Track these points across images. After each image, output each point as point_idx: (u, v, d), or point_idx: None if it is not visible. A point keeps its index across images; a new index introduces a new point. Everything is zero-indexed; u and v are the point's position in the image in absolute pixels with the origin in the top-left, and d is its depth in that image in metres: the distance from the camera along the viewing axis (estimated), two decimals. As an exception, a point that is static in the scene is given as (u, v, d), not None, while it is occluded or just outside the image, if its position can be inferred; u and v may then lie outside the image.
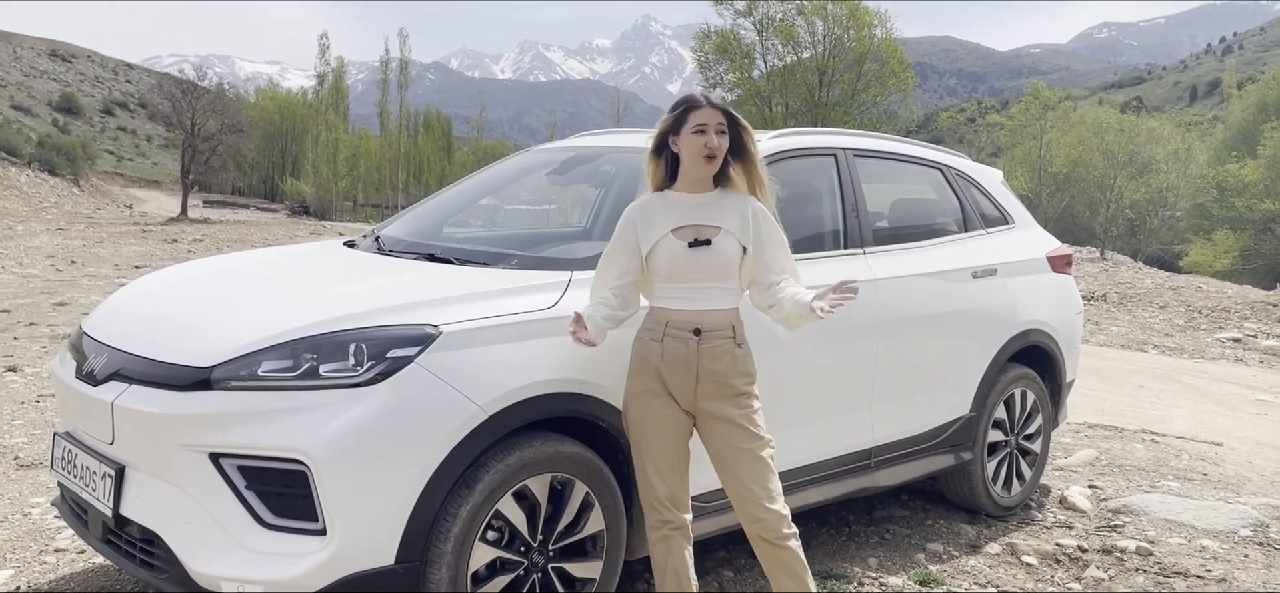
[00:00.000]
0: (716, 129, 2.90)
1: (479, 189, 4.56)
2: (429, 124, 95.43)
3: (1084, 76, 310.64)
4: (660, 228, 2.92)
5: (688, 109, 2.93)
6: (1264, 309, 17.19)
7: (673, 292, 2.92)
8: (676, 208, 2.95)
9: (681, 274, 2.90)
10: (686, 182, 2.97)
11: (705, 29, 40.32)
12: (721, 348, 2.91)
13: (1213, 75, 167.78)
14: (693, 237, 2.89)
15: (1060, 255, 5.11)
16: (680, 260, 2.89)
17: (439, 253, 3.55)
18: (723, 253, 2.90)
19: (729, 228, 2.91)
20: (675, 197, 2.98)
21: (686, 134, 2.92)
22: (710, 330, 2.90)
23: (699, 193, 2.96)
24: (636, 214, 2.98)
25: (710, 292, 2.91)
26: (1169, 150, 46.44)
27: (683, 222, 2.92)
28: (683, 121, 2.93)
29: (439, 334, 2.76)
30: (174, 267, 3.82)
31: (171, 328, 2.97)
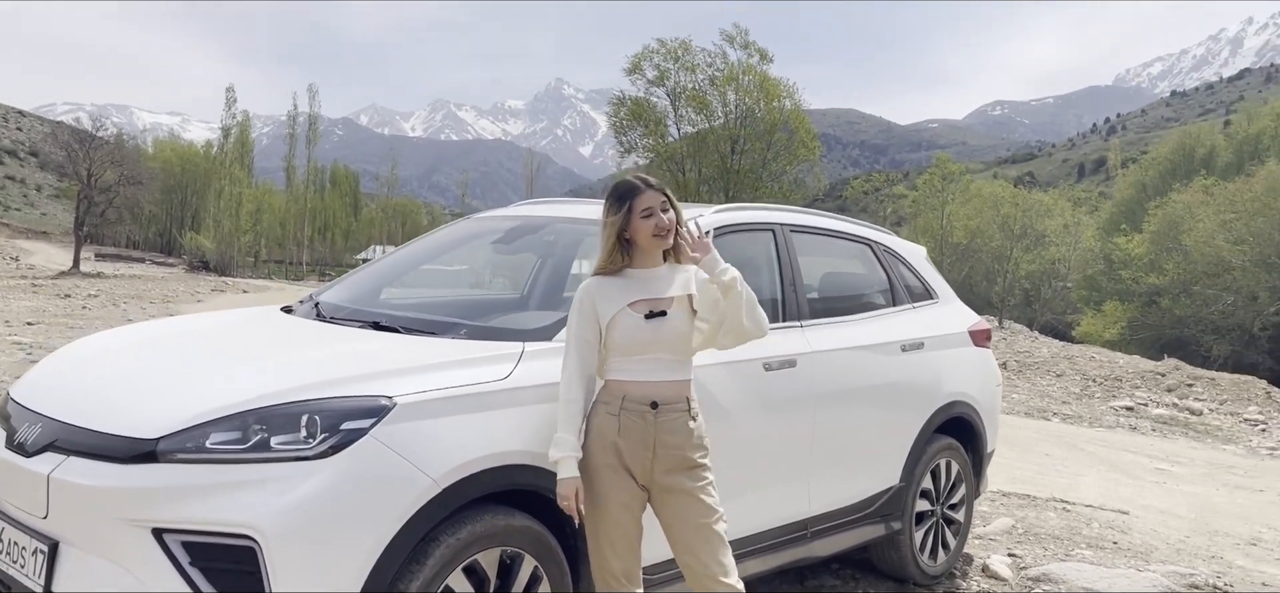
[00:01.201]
0: (661, 207, 3.01)
1: (420, 255, 4.54)
2: (336, 180, 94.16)
3: (980, 151, 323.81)
4: (617, 302, 2.97)
5: (632, 197, 3.02)
6: (1153, 379, 18.03)
7: (629, 365, 2.96)
8: (631, 282, 3.02)
9: (639, 346, 2.94)
10: (639, 260, 3.05)
11: (620, 95, 40.89)
12: (678, 421, 2.95)
13: (1098, 153, 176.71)
14: (649, 308, 2.96)
15: (980, 330, 5.31)
16: (638, 332, 2.94)
17: (384, 321, 3.51)
18: (678, 323, 2.97)
19: (682, 300, 3.01)
20: (632, 272, 3.05)
21: (636, 220, 3.00)
22: (667, 403, 2.95)
23: (650, 268, 3.05)
24: (593, 289, 3.02)
25: (666, 364, 2.97)
26: (1060, 224, 48.64)
27: (639, 295, 2.98)
28: (631, 211, 3.01)
29: (393, 406, 2.72)
30: (107, 332, 3.69)
31: (111, 397, 2.86)
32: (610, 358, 2.99)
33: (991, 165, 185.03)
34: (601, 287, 3.02)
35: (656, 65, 39.50)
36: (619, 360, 2.97)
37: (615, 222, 3.03)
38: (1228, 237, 32.90)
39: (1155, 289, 36.63)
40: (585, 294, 3.02)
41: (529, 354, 3.14)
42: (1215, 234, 33.38)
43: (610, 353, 2.99)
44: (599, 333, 2.98)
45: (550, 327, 3.31)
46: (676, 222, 3.07)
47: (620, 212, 3.03)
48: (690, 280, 3.06)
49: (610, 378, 3.00)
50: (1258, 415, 14.68)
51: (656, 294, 2.99)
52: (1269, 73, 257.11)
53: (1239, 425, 13.87)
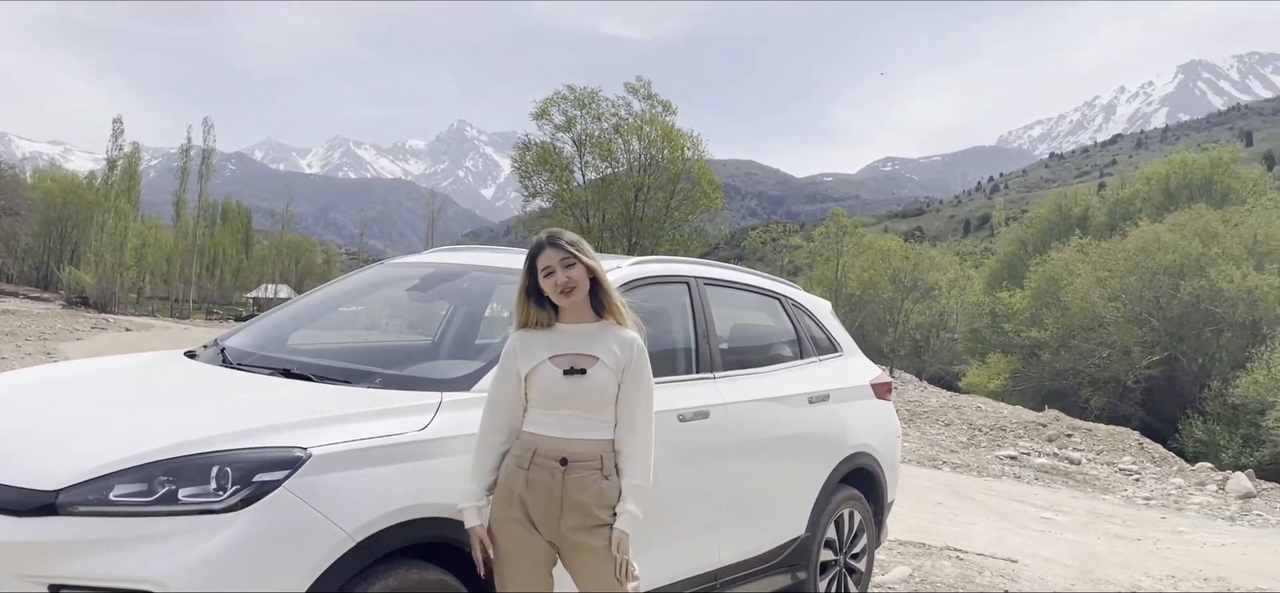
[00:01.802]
0: (563, 263, 2.97)
1: (331, 300, 4.46)
2: (228, 215, 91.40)
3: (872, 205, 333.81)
4: (540, 354, 2.96)
5: (534, 257, 3.02)
6: (1035, 429, 18.78)
7: (544, 418, 2.95)
8: (557, 336, 3.01)
9: (555, 401, 2.93)
10: (566, 315, 3.04)
11: (525, 140, 40.96)
12: (588, 479, 2.92)
13: (983, 210, 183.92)
14: (569, 364, 2.94)
15: (882, 382, 5.47)
16: (555, 387, 2.93)
17: (295, 369, 3.43)
18: (597, 383, 2.94)
19: (606, 360, 2.97)
20: (559, 326, 3.04)
21: (541, 280, 3.00)
22: (577, 460, 2.92)
23: (580, 323, 3.03)
24: (517, 342, 3.01)
25: (582, 421, 2.95)
26: (948, 278, 50.43)
27: (561, 350, 2.97)
28: (534, 271, 3.01)
29: (308, 457, 2.67)
30: (2, 376, 3.51)
31: (7, 446, 2.73)
32: (530, 408, 2.98)
33: (883, 219, 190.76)
34: (525, 340, 3.01)
35: (564, 112, 39.77)
36: (536, 413, 2.96)
37: (524, 280, 3.05)
38: (1102, 293, 34.61)
39: (1036, 342, 38.20)
40: (509, 346, 3.02)
41: (447, 405, 3.11)
42: (1091, 291, 35.07)
43: (530, 403, 2.98)
44: (519, 385, 2.97)
45: (469, 376, 3.30)
46: (594, 277, 3.02)
47: (527, 271, 3.04)
48: (628, 349, 3.00)
49: (525, 430, 2.98)
50: (1131, 465, 15.41)
51: (580, 350, 2.97)
52: (1139, 139, 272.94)
53: (1115, 475, 14.53)
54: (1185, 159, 51.13)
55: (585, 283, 3.00)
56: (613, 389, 2.98)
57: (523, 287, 3.04)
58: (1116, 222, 47.07)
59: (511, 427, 2.99)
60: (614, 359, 2.98)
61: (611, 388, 2.97)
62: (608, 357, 2.97)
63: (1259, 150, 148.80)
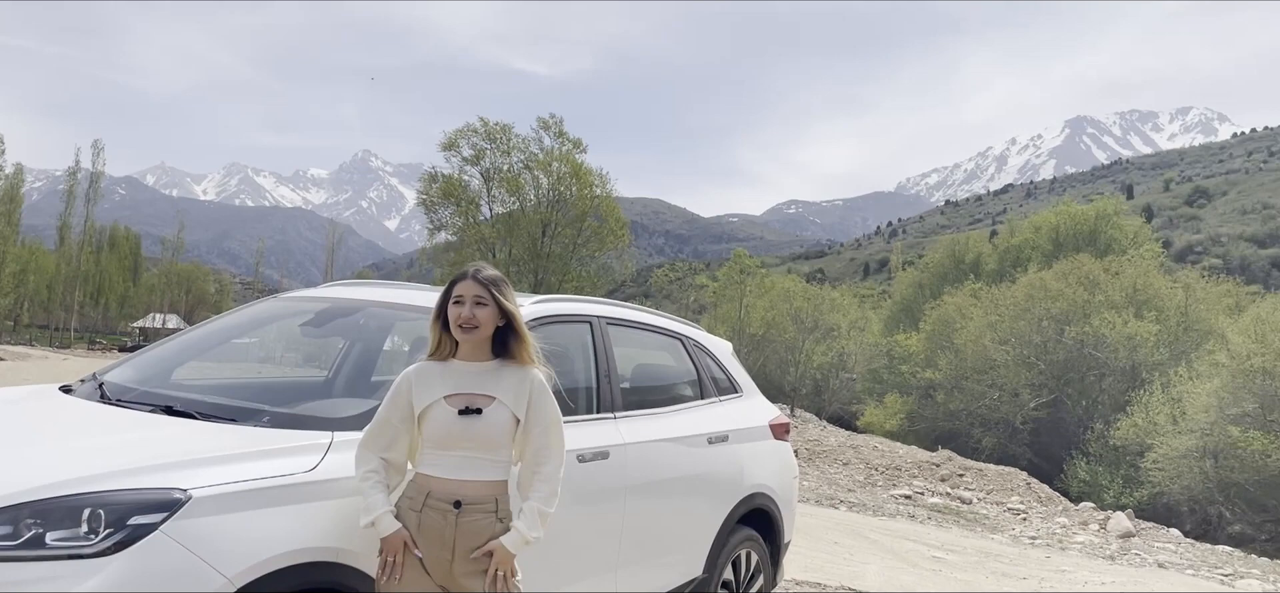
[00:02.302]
0: (474, 301, 2.93)
1: (220, 334, 4.31)
2: (115, 241, 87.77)
3: (776, 246, 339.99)
4: (435, 392, 2.91)
5: (454, 281, 2.99)
6: (929, 469, 19.24)
7: (438, 458, 2.89)
8: (454, 375, 2.96)
9: (450, 440, 2.88)
10: (466, 350, 2.99)
11: (432, 171, 40.51)
12: (482, 523, 2.88)
13: (882, 254, 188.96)
14: (464, 404, 2.90)
15: (780, 423, 5.54)
16: (450, 427, 2.87)
17: (178, 405, 3.30)
18: (493, 423, 2.90)
19: (503, 399, 2.93)
20: (455, 364, 2.98)
21: (450, 306, 2.96)
22: (471, 503, 2.87)
23: (478, 361, 2.99)
24: (413, 377, 2.95)
25: (477, 462, 2.90)
26: (848, 320, 51.53)
27: (457, 388, 2.92)
28: (448, 295, 2.98)
29: (188, 499, 2.57)
30: None
31: None
32: (423, 449, 2.92)
33: (786, 260, 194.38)
34: (422, 374, 2.96)
35: (474, 145, 39.52)
36: (430, 453, 2.90)
37: (439, 303, 3.01)
38: (993, 337, 35.85)
39: (931, 383, 39.30)
40: (405, 379, 2.96)
41: (338, 444, 3.03)
42: (983, 334, 36.31)
43: (423, 443, 2.92)
44: (407, 419, 2.91)
45: (362, 416, 3.21)
46: (510, 322, 2.98)
47: (444, 294, 3.01)
48: (526, 386, 2.97)
49: (418, 471, 2.92)
50: (1019, 505, 15.91)
51: (476, 390, 2.93)
52: (1029, 189, 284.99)
53: (1004, 514, 14.98)
54: (1072, 210, 53.46)
55: (490, 327, 2.96)
56: (509, 429, 2.94)
57: (437, 311, 3.01)
58: (1007, 268, 48.88)
59: (389, 459, 2.92)
60: (512, 398, 2.95)
61: (508, 428, 2.94)
62: (505, 395, 2.94)
63: (1139, 203, 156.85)
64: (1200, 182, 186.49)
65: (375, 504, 2.83)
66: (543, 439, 3.01)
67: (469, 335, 2.94)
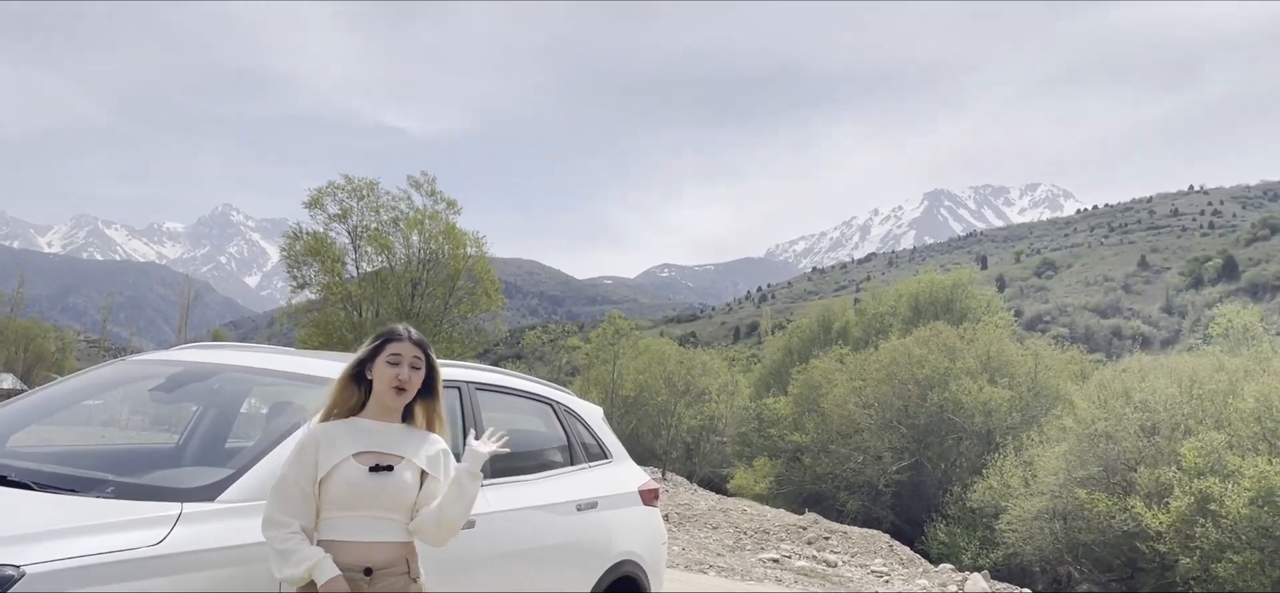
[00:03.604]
0: (411, 362, 2.93)
1: (62, 398, 4.07)
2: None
3: (649, 309, 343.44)
4: (342, 450, 2.83)
5: (387, 340, 2.96)
6: (795, 532, 19.60)
7: (345, 521, 2.80)
8: (362, 433, 2.89)
9: (359, 501, 2.80)
10: (374, 409, 2.94)
11: (296, 228, 39.40)
12: (397, 585, 2.83)
13: (752, 318, 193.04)
14: (375, 461, 2.83)
15: (649, 489, 5.57)
16: (360, 486, 2.80)
17: (13, 475, 3.09)
18: (403, 481, 2.87)
19: (413, 459, 2.90)
20: (362, 422, 2.92)
21: (381, 363, 2.92)
22: (383, 567, 2.81)
23: (386, 421, 2.94)
24: (319, 434, 2.85)
25: (385, 523, 2.84)
26: (719, 383, 52.28)
27: (367, 447, 2.86)
28: (380, 351, 2.94)
29: (21, 575, 2.40)
30: None
31: None
32: (325, 512, 2.81)
33: (659, 323, 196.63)
34: (328, 434, 2.87)
35: (340, 201, 38.65)
36: (335, 516, 2.80)
37: (361, 355, 2.96)
38: (858, 401, 36.95)
39: (798, 447, 40.14)
40: (309, 438, 2.86)
41: (188, 517, 2.89)
42: (847, 399, 37.38)
43: (326, 506, 2.81)
44: (315, 483, 2.81)
45: (214, 485, 3.08)
46: (431, 384, 3.00)
47: (370, 348, 2.96)
48: (435, 451, 2.98)
49: (322, 537, 2.81)
50: (882, 567, 16.34)
51: (386, 449, 2.88)
52: (890, 258, 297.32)
53: (867, 576, 15.35)
54: (931, 280, 55.85)
55: (414, 392, 2.96)
56: (415, 491, 2.90)
57: (358, 361, 2.95)
58: (871, 335, 50.63)
59: (302, 520, 2.81)
60: (423, 459, 2.93)
61: (415, 488, 2.90)
62: (415, 456, 2.91)
63: (993, 273, 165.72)
64: (1048, 254, 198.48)
65: (308, 553, 2.71)
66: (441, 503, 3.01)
67: (401, 397, 2.92)
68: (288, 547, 2.73)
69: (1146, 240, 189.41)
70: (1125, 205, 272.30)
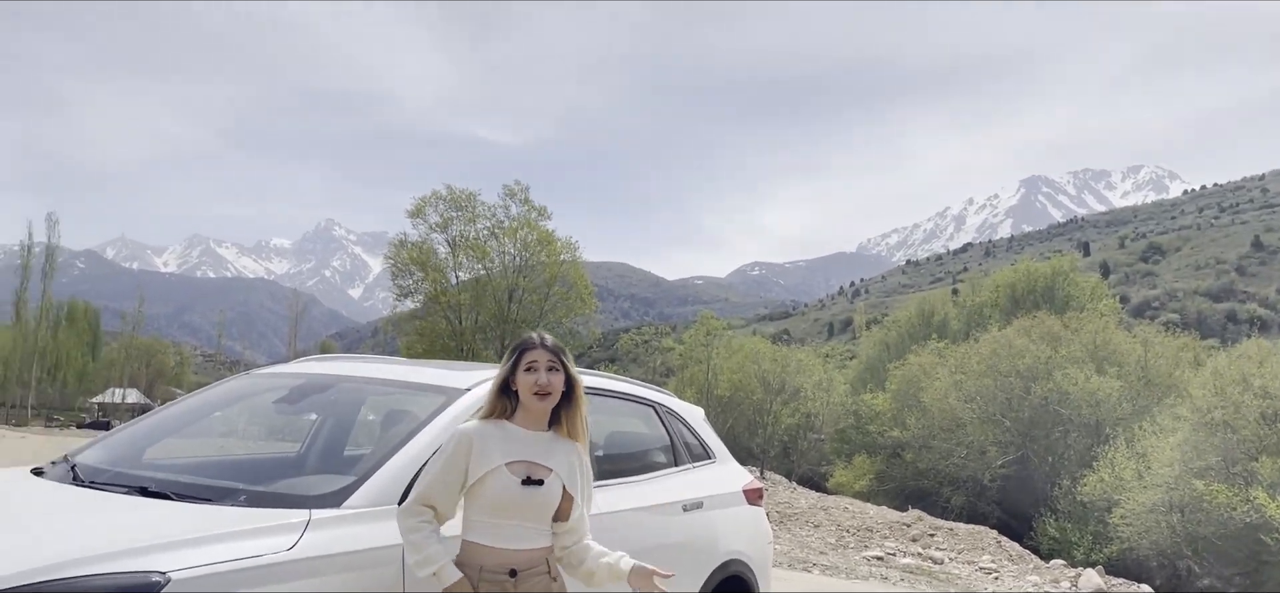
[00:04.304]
0: (547, 366, 3.02)
1: (193, 412, 4.28)
2: (74, 316, 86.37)
3: (741, 308, 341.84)
4: (494, 459, 2.92)
5: (523, 350, 3.06)
6: (900, 529, 19.26)
7: (492, 526, 2.91)
8: (514, 441, 2.99)
9: (508, 510, 2.91)
10: (522, 417, 3.03)
11: (401, 238, 40.48)
12: (539, 585, 2.93)
13: (846, 314, 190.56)
14: (527, 473, 2.93)
15: (753, 488, 5.57)
16: (512, 497, 2.90)
17: (153, 486, 3.27)
18: (551, 494, 2.97)
19: (559, 471, 3.00)
20: (512, 428, 3.02)
21: (521, 373, 3.02)
22: (526, 570, 2.91)
23: (535, 430, 3.04)
24: (474, 439, 2.96)
25: (530, 530, 2.95)
26: (814, 380, 51.72)
27: (519, 456, 2.95)
28: (518, 363, 3.04)
29: (167, 582, 2.55)
30: None
31: None
32: (474, 515, 2.93)
33: (751, 321, 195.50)
34: (482, 438, 2.97)
35: (440, 211, 39.62)
36: (484, 520, 2.91)
37: (504, 369, 3.07)
38: (959, 395, 36.12)
39: (898, 443, 39.45)
40: (463, 440, 2.96)
41: (316, 522, 3.01)
42: (949, 393, 36.57)
43: (475, 509, 2.92)
44: (463, 483, 2.92)
45: (340, 492, 3.20)
46: (570, 390, 3.08)
47: (510, 361, 3.06)
48: (574, 462, 3.07)
49: (468, 539, 2.92)
50: (991, 564, 15.95)
51: (536, 459, 2.97)
52: (987, 247, 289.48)
53: (976, 574, 15.01)
54: (1029, 268, 54.29)
55: (558, 394, 3.04)
56: (558, 500, 3.01)
57: (502, 376, 3.06)
58: (970, 327, 49.43)
59: (443, 510, 2.93)
60: (566, 472, 3.03)
61: (558, 499, 3.01)
62: (560, 468, 3.01)
63: (1095, 260, 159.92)
64: (1154, 238, 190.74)
65: (436, 555, 2.83)
66: (583, 517, 3.15)
67: (543, 402, 3.01)
68: (418, 540, 2.87)
69: (1260, 220, 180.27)
70: (1236, 184, 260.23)
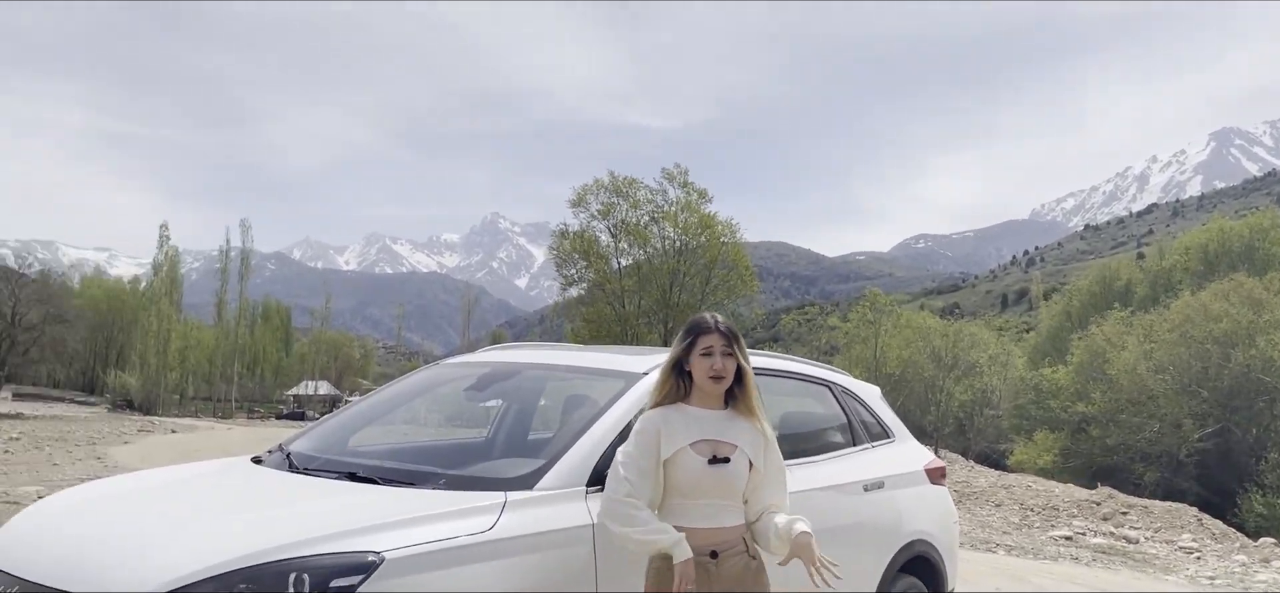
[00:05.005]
0: (722, 351, 3.05)
1: (391, 402, 4.53)
2: (267, 314, 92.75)
3: (906, 282, 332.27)
4: (680, 439, 2.98)
5: (697, 334, 3.09)
6: (1088, 508, 18.33)
7: (687, 508, 2.97)
8: (695, 422, 3.03)
9: (698, 490, 2.95)
10: (699, 398, 3.08)
11: (563, 227, 41.46)
12: (739, 564, 2.96)
13: (1020, 285, 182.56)
14: (712, 453, 2.97)
15: (936, 467, 5.41)
16: (699, 476, 2.95)
17: (360, 472, 3.48)
18: (738, 471, 2.99)
19: (743, 446, 3.02)
20: (692, 410, 3.06)
21: (696, 356, 3.06)
22: (726, 550, 2.95)
23: (710, 409, 3.08)
24: (657, 421, 3.02)
25: (723, 509, 2.98)
26: (989, 354, 49.83)
27: (702, 436, 3.00)
28: (693, 346, 3.08)
29: (381, 562, 2.70)
30: (77, 488, 3.60)
31: (90, 557, 2.79)
32: (668, 498, 2.99)
33: (918, 296, 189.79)
34: (666, 420, 3.02)
35: (601, 199, 40.36)
36: (677, 502, 2.97)
37: (676, 352, 3.11)
38: (1149, 366, 34.02)
39: (1084, 417, 37.52)
40: (649, 423, 3.03)
41: (511, 504, 3.13)
42: (1138, 364, 34.50)
43: (669, 492, 2.99)
44: (658, 464, 2.97)
45: (531, 475, 3.32)
46: (741, 372, 3.10)
47: (684, 344, 3.10)
48: (758, 435, 3.08)
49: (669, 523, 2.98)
50: (1192, 543, 14.98)
51: (720, 437, 3.00)
52: (1175, 208, 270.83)
53: (1175, 554, 14.13)
54: (1223, 227, 50.55)
55: (732, 377, 3.08)
56: (747, 475, 3.03)
57: (674, 358, 3.11)
58: (1158, 293, 46.47)
59: (645, 497, 2.97)
60: (749, 447, 3.04)
61: (745, 477, 3.03)
62: (743, 444, 3.02)
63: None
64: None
65: (664, 527, 2.88)
66: (774, 492, 3.14)
67: (719, 385, 3.05)
68: (640, 517, 2.90)
69: None
70: None
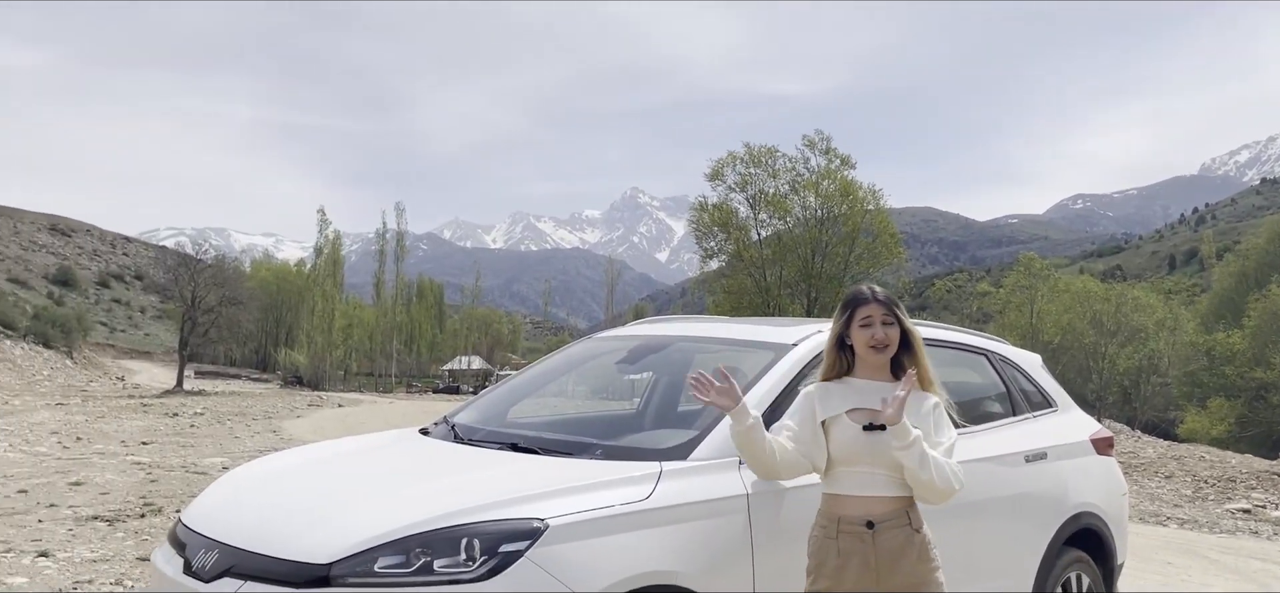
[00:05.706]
0: (882, 320, 3.01)
1: (546, 376, 4.68)
2: (422, 293, 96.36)
3: (1062, 246, 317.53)
4: (837, 406, 3.00)
5: (856, 306, 3.06)
6: (1269, 479, 17.17)
7: (845, 477, 2.96)
8: (855, 391, 3.03)
9: (854, 456, 2.94)
10: (863, 369, 3.07)
11: (702, 200, 41.44)
12: (899, 537, 2.92)
13: (1189, 244, 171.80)
14: (868, 420, 2.94)
15: (1102, 438, 5.20)
16: (854, 443, 2.94)
17: (522, 443, 3.62)
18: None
19: (906, 418, 2.90)
20: (854, 381, 3.07)
21: (856, 328, 3.04)
22: (884, 521, 2.91)
23: (873, 380, 3.05)
24: (816, 393, 3.07)
25: (882, 479, 2.93)
26: (1156, 319, 47.16)
27: (860, 403, 2.99)
28: (852, 318, 3.06)
29: (546, 528, 2.82)
30: (261, 459, 3.89)
31: (282, 522, 3.01)
32: (831, 468, 2.99)
33: (1077, 260, 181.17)
34: (823, 392, 3.06)
35: (738, 171, 40.08)
36: (837, 468, 2.98)
37: (837, 327, 3.10)
38: (1338, 327, 31.54)
39: (1262, 384, 35.13)
40: (806, 398, 3.08)
41: (667, 474, 3.20)
42: (1325, 325, 32.03)
43: (831, 462, 2.99)
44: (816, 433, 3.00)
45: (685, 445, 3.39)
46: (907, 341, 3.05)
47: (843, 318, 3.09)
48: (925, 405, 3.01)
49: (826, 492, 3.01)
50: (1391, 518, 13.84)
51: (878, 406, 2.93)
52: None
53: (1371, 528, 13.10)
54: None
55: (896, 345, 3.04)
56: None
57: (836, 333, 3.10)
58: (1348, 248, 42.90)
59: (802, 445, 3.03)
60: (914, 417, 2.93)
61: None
62: (907, 415, 2.90)
63: None
64: None
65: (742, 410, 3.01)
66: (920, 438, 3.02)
67: (881, 354, 3.02)
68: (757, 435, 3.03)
69: None
70: None
